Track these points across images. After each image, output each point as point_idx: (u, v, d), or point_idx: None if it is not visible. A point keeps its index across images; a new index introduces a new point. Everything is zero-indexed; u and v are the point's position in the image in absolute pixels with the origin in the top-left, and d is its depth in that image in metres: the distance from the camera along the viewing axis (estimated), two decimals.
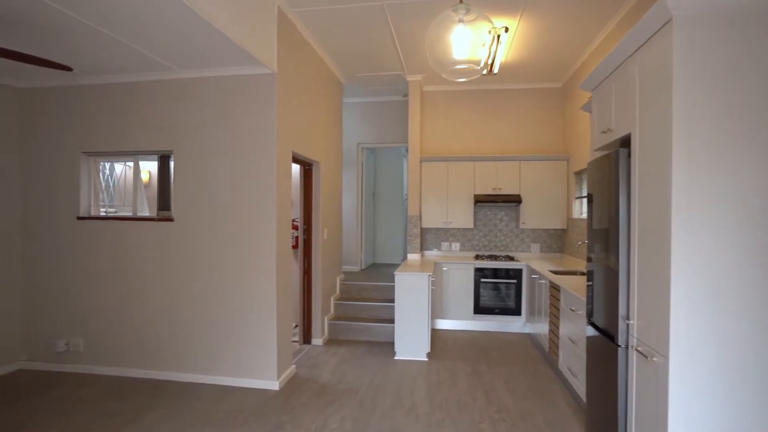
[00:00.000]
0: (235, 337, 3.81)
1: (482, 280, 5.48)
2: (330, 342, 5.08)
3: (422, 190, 5.88)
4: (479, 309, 5.50)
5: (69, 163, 4.12)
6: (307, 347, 4.87)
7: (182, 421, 3.17)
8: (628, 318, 2.39)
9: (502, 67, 5.42)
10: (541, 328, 4.62)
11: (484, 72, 5.20)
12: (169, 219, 3.92)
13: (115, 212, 4.28)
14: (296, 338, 5.08)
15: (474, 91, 6.09)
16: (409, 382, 3.90)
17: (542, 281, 4.57)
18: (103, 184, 4.46)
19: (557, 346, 3.98)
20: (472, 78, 2.25)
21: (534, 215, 5.69)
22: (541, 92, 5.98)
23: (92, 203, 4.20)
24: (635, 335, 2.29)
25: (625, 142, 2.53)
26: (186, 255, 3.89)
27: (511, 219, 6.05)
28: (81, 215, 4.10)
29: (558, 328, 3.94)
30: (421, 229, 6.05)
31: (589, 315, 2.96)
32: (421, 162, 5.85)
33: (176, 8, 2.67)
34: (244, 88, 3.77)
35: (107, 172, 4.38)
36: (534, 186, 5.69)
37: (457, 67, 2.08)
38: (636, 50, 2.29)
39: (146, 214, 4.15)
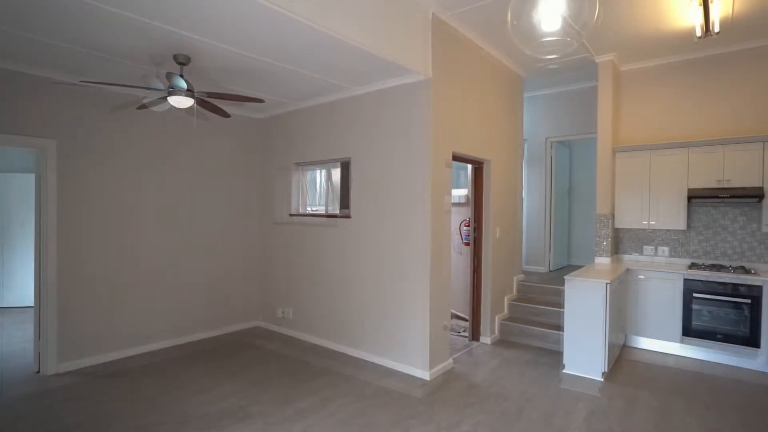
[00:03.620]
0: (394, 324, 3.96)
1: (695, 294, 4.16)
2: (499, 342, 4.73)
3: (616, 185, 4.86)
4: (691, 331, 4.20)
5: (285, 172, 5.05)
6: (474, 344, 4.66)
7: (339, 390, 3.48)
8: None
9: (726, 25, 3.99)
10: None
11: (699, 35, 3.99)
12: (348, 216, 4.37)
13: (317, 211, 5.02)
14: (466, 333, 4.93)
15: (688, 61, 4.66)
16: (568, 401, 3.30)
17: None
18: (319, 187, 5.28)
19: None
20: (567, 52, 1.69)
21: None
22: None
23: (300, 203, 5.04)
24: None
25: None
26: (359, 247, 4.25)
27: (749, 220, 4.39)
28: (292, 213, 4.97)
29: None
30: (616, 229, 5.01)
31: None
32: (614, 153, 4.84)
33: (344, 47, 3.18)
34: (402, 96, 3.88)
35: (315, 177, 5.19)
36: None
37: (546, 39, 1.61)
38: None
39: (336, 212, 4.72)
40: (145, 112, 4.30)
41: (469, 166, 4.87)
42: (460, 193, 5.74)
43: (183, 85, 3.27)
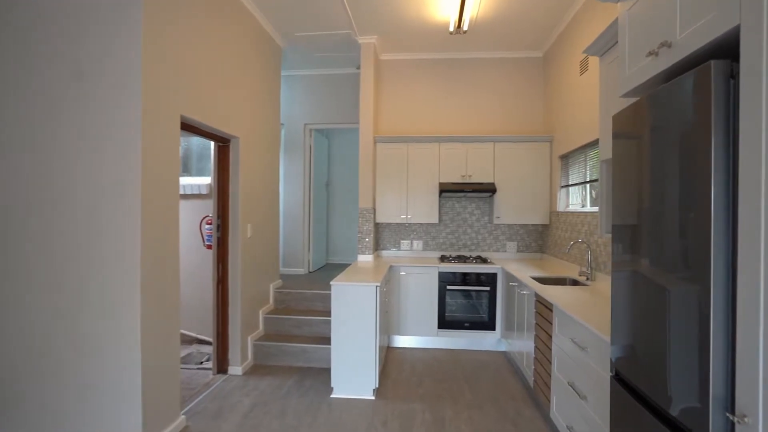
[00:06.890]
0: (81, 383, 2.37)
1: (448, 287, 4.16)
2: (254, 370, 3.66)
3: (377, 177, 4.53)
4: (445, 323, 4.18)
5: None
6: (220, 379, 3.44)
7: None
8: (732, 408, 1.09)
9: (474, 30, 4.11)
10: (522, 347, 3.34)
11: (451, 29, 3.93)
12: None
13: None
14: (209, 365, 3.66)
15: (441, 60, 4.76)
16: None
17: (524, 292, 3.28)
18: None
19: (548, 386, 2.69)
20: None
21: (511, 208, 4.41)
22: (520, 62, 4.70)
23: None
24: None
25: (714, 53, 1.23)
26: (9, 264, 2.42)
27: (483, 213, 4.76)
28: None
29: (550, 362, 2.65)
30: (376, 224, 4.70)
31: (617, 358, 1.66)
32: (375, 143, 4.50)
33: None
34: (91, 11, 2.33)
35: None
36: (511, 173, 4.40)
37: None
38: None
39: None
40: None
41: (213, 144, 3.63)
42: (203, 182, 4.40)
43: None
